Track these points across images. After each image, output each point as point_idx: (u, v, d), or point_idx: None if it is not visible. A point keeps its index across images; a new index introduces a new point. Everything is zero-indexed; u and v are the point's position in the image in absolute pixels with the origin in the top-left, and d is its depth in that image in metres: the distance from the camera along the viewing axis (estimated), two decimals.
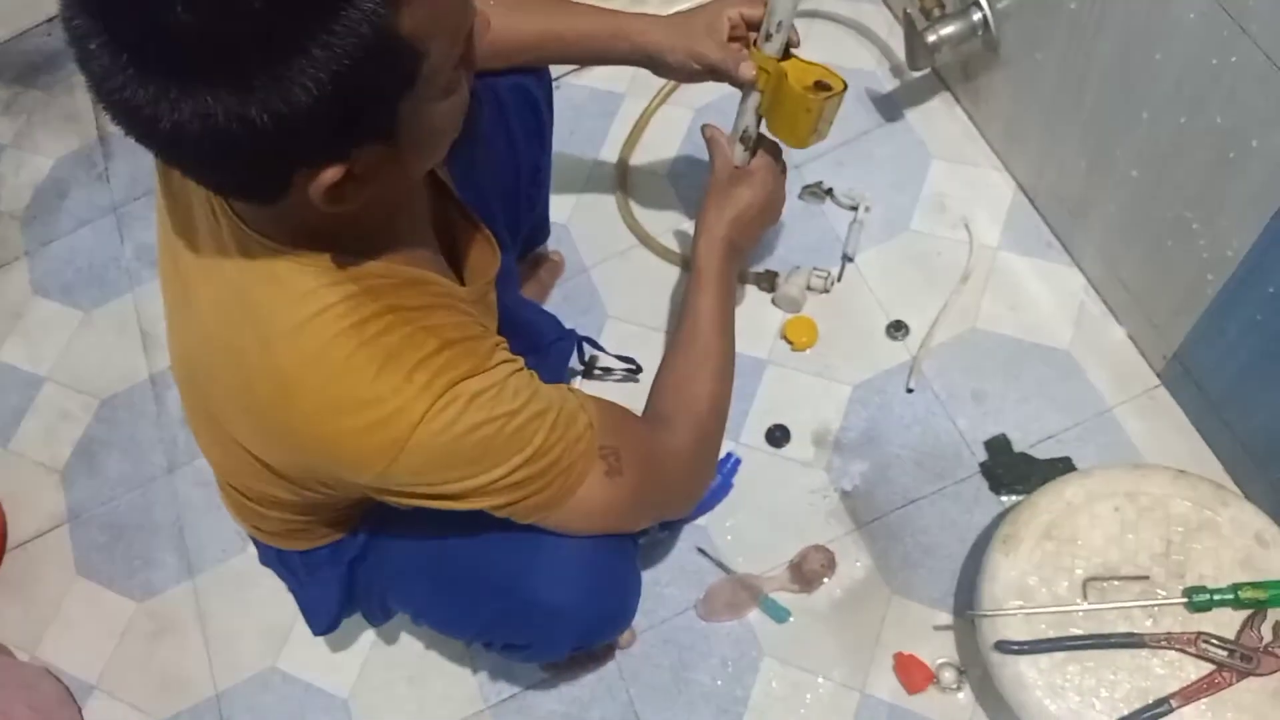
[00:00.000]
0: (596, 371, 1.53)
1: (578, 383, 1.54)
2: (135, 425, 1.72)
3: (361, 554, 1.08)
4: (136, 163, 2.02)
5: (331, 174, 0.64)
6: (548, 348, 1.29)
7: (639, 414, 0.98)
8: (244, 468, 0.90)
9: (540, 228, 1.50)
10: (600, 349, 1.48)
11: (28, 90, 2.21)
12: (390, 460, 0.75)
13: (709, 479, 1.07)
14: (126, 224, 1.95)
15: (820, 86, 1.06)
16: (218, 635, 1.52)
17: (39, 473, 1.73)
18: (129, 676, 1.53)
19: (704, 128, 1.16)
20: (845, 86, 1.07)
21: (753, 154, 1.15)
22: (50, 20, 2.29)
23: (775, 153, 1.16)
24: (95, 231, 1.96)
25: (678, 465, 0.98)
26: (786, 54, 1.07)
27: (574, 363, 1.47)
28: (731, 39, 1.10)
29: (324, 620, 1.15)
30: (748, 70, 1.07)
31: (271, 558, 1.12)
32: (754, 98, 1.11)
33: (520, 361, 0.82)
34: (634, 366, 1.50)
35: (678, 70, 1.13)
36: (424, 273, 0.82)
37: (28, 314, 1.91)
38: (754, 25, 1.08)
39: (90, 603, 1.59)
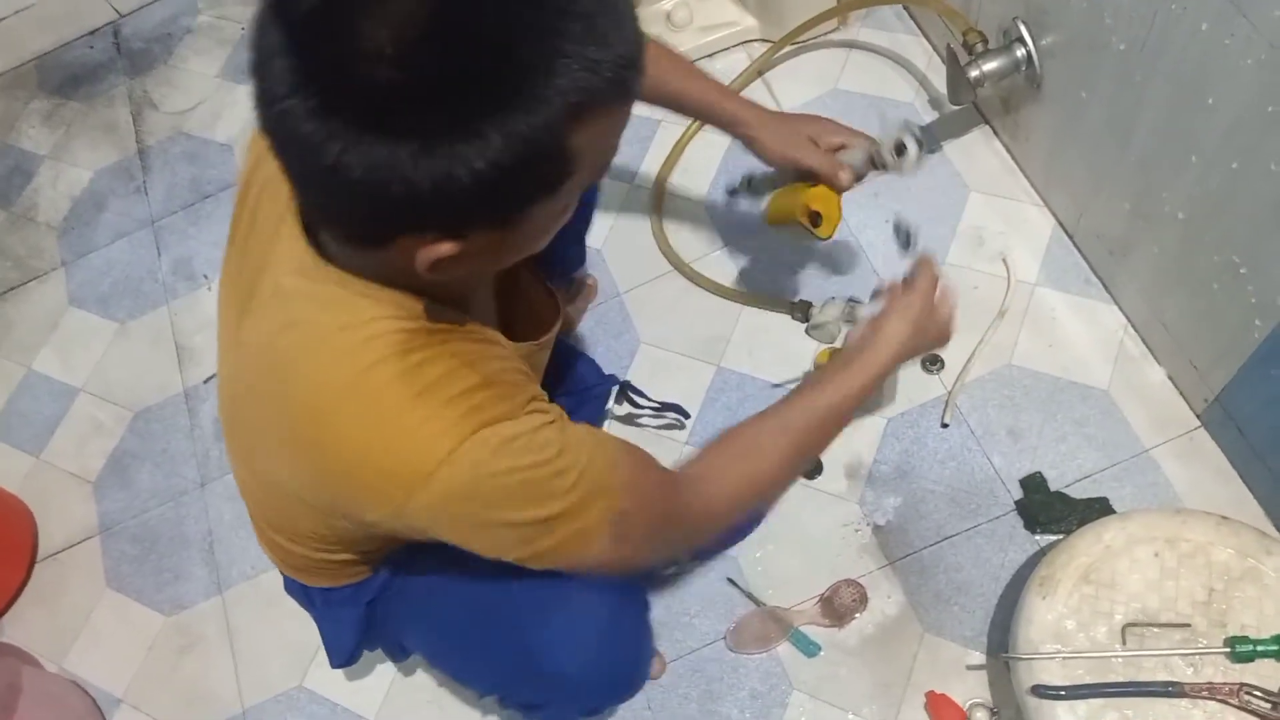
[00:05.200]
0: (641, 420, 1.52)
1: (609, 427, 1.54)
2: (168, 438, 1.73)
3: (379, 595, 1.09)
4: (173, 177, 2.04)
5: (446, 249, 0.66)
6: (585, 393, 1.31)
7: (669, 466, 0.93)
8: (277, 502, 0.91)
9: (579, 256, 1.51)
10: (643, 395, 1.45)
11: (68, 102, 2.24)
12: (407, 496, 0.73)
13: (719, 535, 1.09)
14: (163, 237, 1.96)
15: None
16: (245, 651, 1.53)
17: (71, 483, 1.74)
18: (156, 691, 1.53)
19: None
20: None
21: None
22: (93, 33, 2.33)
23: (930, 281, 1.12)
24: (132, 244, 1.98)
25: (688, 530, 0.94)
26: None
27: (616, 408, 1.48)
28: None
29: (341, 656, 1.17)
30: (847, 179, 1.18)
31: (295, 589, 1.13)
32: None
33: (553, 413, 0.80)
34: (679, 413, 1.49)
35: (771, 161, 1.21)
36: (481, 327, 0.82)
37: (63, 324, 1.92)
38: None
39: (119, 615, 1.60)
